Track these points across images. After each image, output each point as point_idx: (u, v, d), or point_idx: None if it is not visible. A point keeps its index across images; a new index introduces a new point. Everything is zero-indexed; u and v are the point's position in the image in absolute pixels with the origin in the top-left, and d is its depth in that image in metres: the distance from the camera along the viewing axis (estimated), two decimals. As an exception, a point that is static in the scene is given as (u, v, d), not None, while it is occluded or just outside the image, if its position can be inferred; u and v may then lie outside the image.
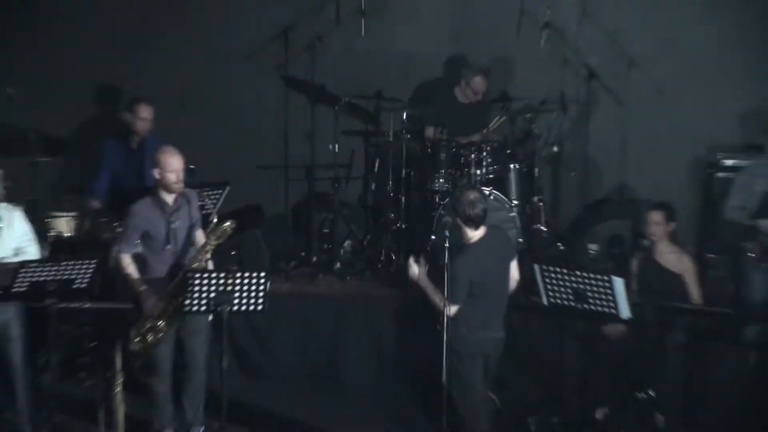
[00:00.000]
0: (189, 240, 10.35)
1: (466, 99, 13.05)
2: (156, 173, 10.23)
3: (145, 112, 12.07)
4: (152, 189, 10.37)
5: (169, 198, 10.28)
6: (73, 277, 10.15)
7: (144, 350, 10.29)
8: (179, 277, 10.11)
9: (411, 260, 9.77)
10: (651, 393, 10.60)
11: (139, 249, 10.36)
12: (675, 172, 13.34)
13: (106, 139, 12.35)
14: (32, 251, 10.45)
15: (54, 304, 10.09)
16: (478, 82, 12.90)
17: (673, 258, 11.06)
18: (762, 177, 11.53)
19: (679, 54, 13.33)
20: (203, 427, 10.44)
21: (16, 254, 10.30)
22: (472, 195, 9.78)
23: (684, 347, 10.77)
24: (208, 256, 10.27)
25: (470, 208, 9.72)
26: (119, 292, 10.98)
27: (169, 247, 10.30)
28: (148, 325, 10.25)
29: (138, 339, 10.27)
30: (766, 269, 11.51)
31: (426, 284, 9.78)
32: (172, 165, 10.16)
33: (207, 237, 10.23)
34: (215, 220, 10.22)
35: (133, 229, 10.27)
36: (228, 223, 10.17)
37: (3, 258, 10.23)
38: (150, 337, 10.25)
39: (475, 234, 9.79)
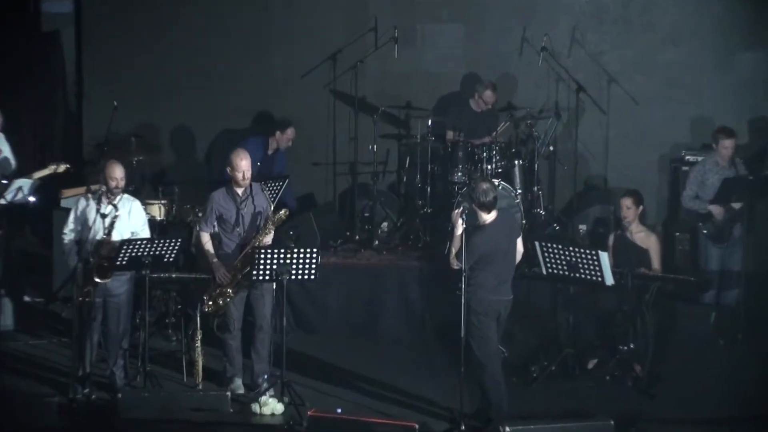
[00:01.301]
0: (254, 224, 10.00)
1: (479, 108, 12.75)
2: (228, 170, 10.00)
3: (291, 133, 12.35)
4: (228, 181, 10.13)
5: (239, 190, 10.00)
6: (163, 252, 9.87)
7: (215, 311, 10.07)
8: (244, 253, 9.89)
9: (457, 211, 9.27)
10: (631, 346, 10.28)
11: (215, 229, 10.07)
12: (647, 166, 13.12)
13: (248, 135, 12.49)
14: (145, 235, 10.10)
15: (148, 274, 9.80)
16: (489, 95, 12.62)
17: (642, 236, 10.73)
18: (711, 171, 11.35)
19: (648, 72, 13.12)
20: (267, 375, 10.06)
21: (132, 237, 9.95)
22: (485, 185, 9.38)
23: (655, 308, 10.37)
24: (267, 238, 9.96)
25: (483, 196, 9.31)
26: (199, 265, 10.79)
27: (237, 229, 10.00)
28: (218, 291, 9.99)
29: (210, 302, 10.02)
30: (719, 245, 11.32)
31: (455, 233, 9.28)
32: (240, 166, 9.91)
33: (265, 222, 9.97)
34: (272, 208, 10.02)
35: (211, 212, 10.02)
36: (283, 211, 9.97)
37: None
38: (220, 301, 10.00)
39: (488, 217, 9.37)
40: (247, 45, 13.34)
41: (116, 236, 9.77)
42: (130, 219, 10.00)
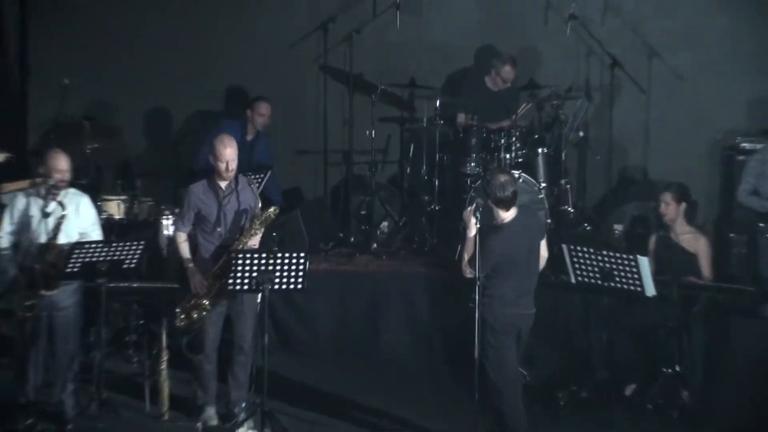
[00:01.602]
0: (238, 224, 9.98)
1: (496, 87, 12.81)
2: (210, 159, 9.99)
3: (263, 109, 12.45)
4: (209, 173, 10.13)
5: (223, 183, 9.98)
6: (123, 257, 9.89)
7: (189, 326, 10.02)
8: (224, 258, 9.84)
9: (470, 209, 9.28)
10: (677, 368, 10.26)
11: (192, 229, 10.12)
12: (695, 155, 13.10)
13: (222, 118, 12.76)
14: (96, 236, 10.06)
15: (104, 283, 9.81)
16: (508, 71, 12.66)
17: (689, 237, 10.74)
18: None
19: (697, 43, 13.10)
20: (245, 403, 10.04)
21: (81, 239, 9.93)
22: (503, 178, 9.36)
23: (705, 323, 10.39)
24: (254, 240, 9.97)
25: (500, 191, 9.29)
26: (166, 272, 10.87)
27: (219, 229, 9.96)
28: (193, 302, 9.94)
29: (183, 315, 9.97)
30: None
31: (467, 235, 9.26)
32: (224, 155, 9.87)
33: (251, 221, 9.94)
34: (259, 205, 9.98)
35: (189, 207, 10.00)
36: (272, 209, 9.93)
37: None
38: (195, 314, 9.96)
39: (506, 215, 9.35)
40: (223, 12, 13.37)
41: (63, 239, 9.75)
42: (79, 217, 9.97)
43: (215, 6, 13.35)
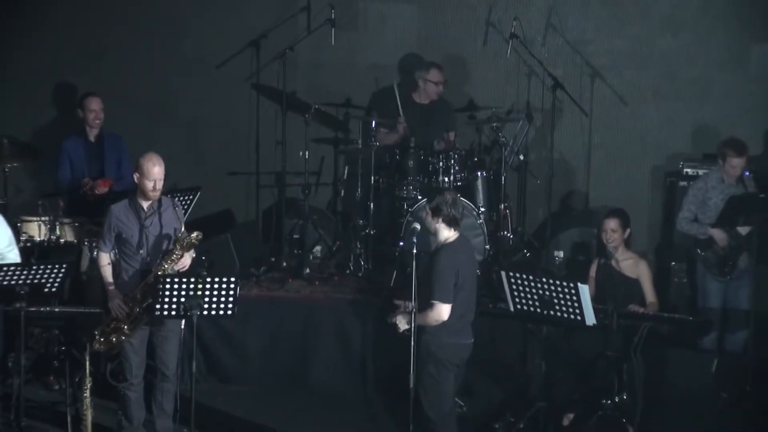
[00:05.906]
0: (160, 247, 10.02)
1: (426, 99, 12.82)
2: (135, 177, 9.98)
3: (94, 104, 12.22)
4: (130, 192, 10.16)
5: (145, 203, 9.99)
6: (44, 280, 9.87)
7: (108, 350, 10.02)
8: (145, 282, 9.86)
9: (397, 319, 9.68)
10: (617, 399, 10.38)
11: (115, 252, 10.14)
12: (637, 180, 13.34)
13: (62, 139, 12.32)
14: (13, 257, 10.11)
15: (23, 307, 9.78)
16: (434, 73, 12.70)
17: (630, 263, 10.96)
18: (715, 189, 11.45)
19: (640, 66, 13.32)
20: (171, 433, 10.11)
21: None
22: (452, 196, 9.63)
23: (645, 353, 10.49)
24: (184, 261, 10.00)
25: (453, 209, 9.55)
26: (88, 296, 10.85)
27: (141, 251, 9.98)
28: (113, 326, 9.95)
29: (102, 339, 9.97)
30: (721, 278, 11.45)
31: (415, 320, 9.53)
32: (152, 173, 9.88)
33: (173, 245, 9.95)
34: (182, 229, 9.95)
35: (109, 228, 10.02)
36: (195, 234, 9.91)
37: None
38: (113, 338, 9.95)
39: (451, 235, 9.58)
40: (149, 26, 13.39)
41: None
42: None
43: (144, 23, 13.33)
